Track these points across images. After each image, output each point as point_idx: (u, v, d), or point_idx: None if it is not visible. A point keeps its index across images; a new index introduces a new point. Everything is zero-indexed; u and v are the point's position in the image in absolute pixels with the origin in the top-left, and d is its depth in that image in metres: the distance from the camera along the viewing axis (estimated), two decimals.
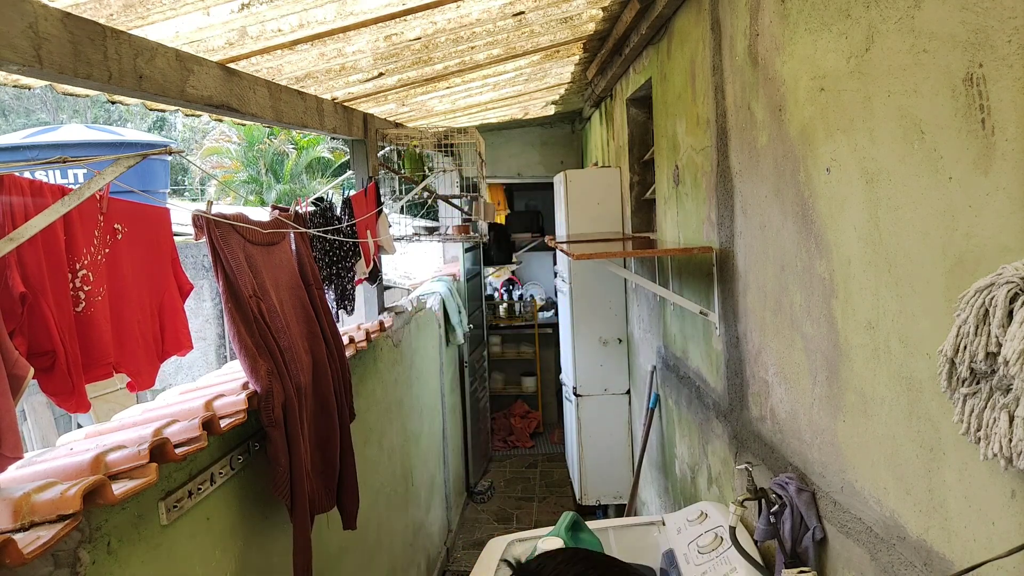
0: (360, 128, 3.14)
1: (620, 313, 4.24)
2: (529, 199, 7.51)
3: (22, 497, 1.13)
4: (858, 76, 1.18)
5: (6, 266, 1.24)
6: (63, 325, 1.34)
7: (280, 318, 1.96)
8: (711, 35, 2.03)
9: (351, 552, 2.65)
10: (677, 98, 2.50)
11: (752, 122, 1.71)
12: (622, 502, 4.16)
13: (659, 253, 2.43)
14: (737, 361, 1.93)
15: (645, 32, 2.65)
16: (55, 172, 5.53)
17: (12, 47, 1.20)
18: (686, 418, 2.64)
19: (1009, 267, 0.79)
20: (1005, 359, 0.76)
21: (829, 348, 1.35)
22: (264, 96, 2.18)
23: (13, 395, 1.16)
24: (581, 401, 4.27)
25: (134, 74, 1.53)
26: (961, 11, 0.91)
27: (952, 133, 0.95)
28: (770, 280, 1.65)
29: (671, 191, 2.67)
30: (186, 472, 1.58)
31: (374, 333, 2.95)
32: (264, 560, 1.94)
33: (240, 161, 15.47)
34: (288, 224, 2.18)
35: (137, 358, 1.57)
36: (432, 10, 2.08)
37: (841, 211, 1.27)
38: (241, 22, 1.72)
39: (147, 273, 1.65)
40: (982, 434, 0.82)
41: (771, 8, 1.55)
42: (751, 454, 1.83)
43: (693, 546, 1.74)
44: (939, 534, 1.03)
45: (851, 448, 1.28)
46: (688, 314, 2.49)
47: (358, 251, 2.78)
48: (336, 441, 2.17)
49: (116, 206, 1.54)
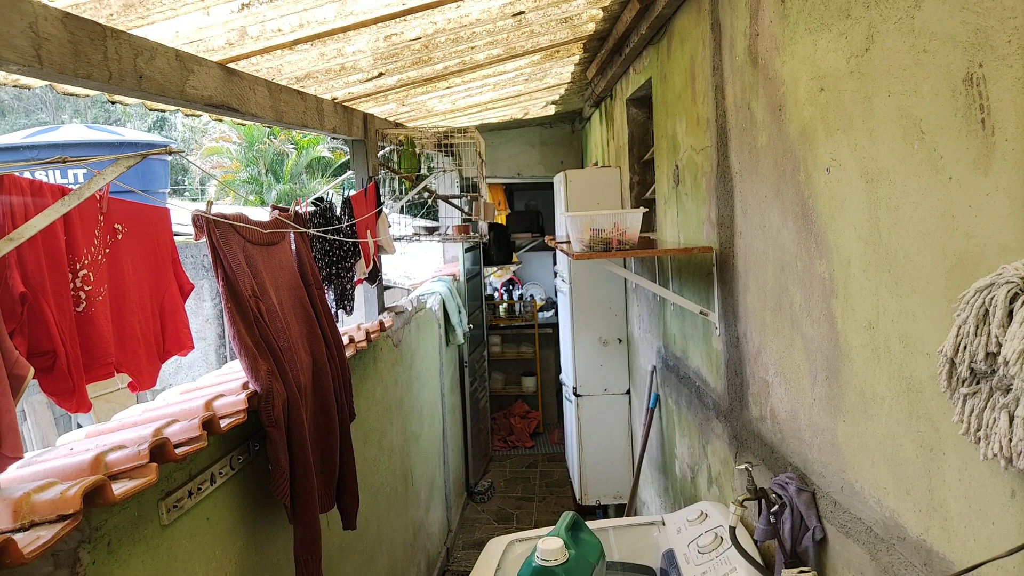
0: (360, 128, 3.14)
1: (620, 313, 4.24)
2: (529, 199, 7.51)
3: (22, 497, 1.13)
4: (858, 76, 1.18)
5: (6, 266, 1.24)
6: (63, 325, 1.34)
7: (280, 318, 1.96)
8: (711, 35, 2.03)
9: (351, 552, 2.65)
10: (677, 98, 2.50)
11: (752, 122, 1.71)
12: (622, 502, 4.16)
13: (659, 253, 2.43)
14: (737, 361, 1.93)
15: (645, 32, 2.65)
16: (55, 172, 5.53)
17: (12, 47, 1.20)
18: (686, 418, 2.64)
19: (1009, 267, 0.79)
20: (1005, 359, 0.76)
21: (829, 348, 1.35)
22: (264, 96, 2.18)
23: (13, 395, 1.16)
24: (581, 401, 4.27)
25: (134, 74, 1.53)
26: (961, 11, 0.91)
27: (952, 133, 0.95)
28: (770, 280, 1.65)
29: (671, 191, 2.67)
30: (186, 472, 1.58)
31: (374, 333, 2.95)
32: (264, 560, 1.94)
33: (240, 161, 15.48)
34: (288, 224, 2.18)
35: (138, 358, 1.57)
36: (432, 10, 2.08)
37: (841, 211, 1.27)
38: (241, 22, 1.72)
39: (148, 273, 1.65)
40: (982, 434, 0.82)
41: (771, 8, 1.55)
42: (751, 454, 1.83)
43: (693, 546, 1.74)
44: (939, 534, 1.03)
45: (851, 448, 1.28)
46: (688, 314, 2.49)
47: (358, 251, 2.78)
48: (336, 441, 2.17)
49: (116, 206, 1.54)
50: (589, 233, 2.14)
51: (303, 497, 1.88)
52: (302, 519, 1.89)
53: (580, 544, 1.64)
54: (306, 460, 1.89)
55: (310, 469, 1.90)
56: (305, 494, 1.88)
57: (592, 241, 2.15)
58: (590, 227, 2.14)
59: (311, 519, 1.91)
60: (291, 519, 1.88)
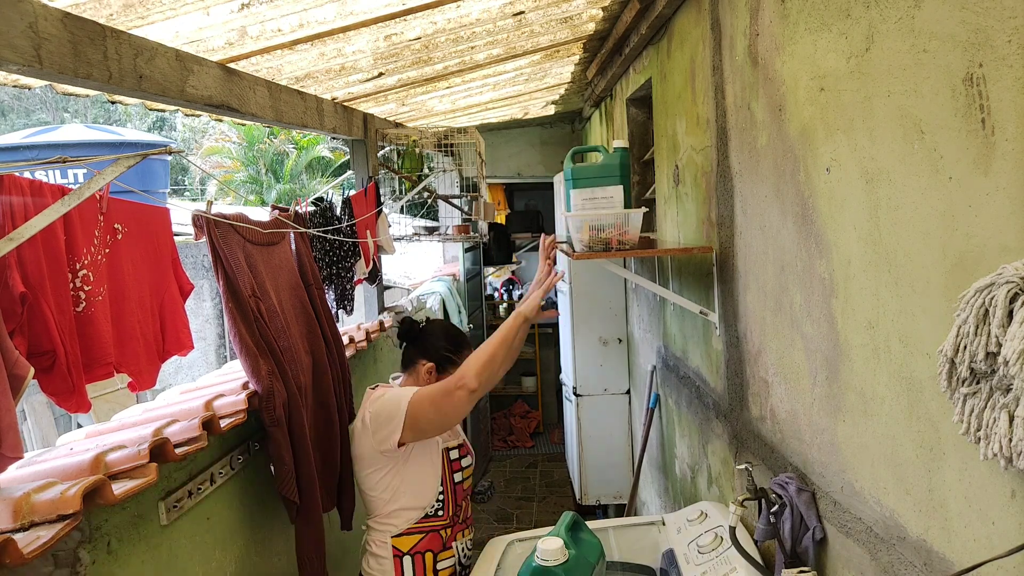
0: (360, 128, 3.15)
1: (620, 313, 4.24)
2: (529, 199, 7.51)
3: (22, 497, 1.13)
4: (858, 76, 1.18)
5: (6, 266, 1.24)
6: (63, 325, 1.34)
7: (280, 318, 1.96)
8: (711, 35, 2.03)
9: (351, 552, 2.65)
10: (677, 98, 2.50)
11: (752, 122, 1.71)
12: (622, 502, 4.16)
13: (659, 253, 2.43)
14: (737, 361, 1.93)
15: (645, 32, 2.65)
16: (55, 172, 5.53)
17: (12, 47, 1.20)
18: (686, 418, 2.64)
19: (1009, 267, 0.79)
20: (1005, 359, 0.76)
21: (829, 348, 1.35)
22: (264, 96, 2.18)
23: (13, 395, 1.16)
24: (581, 401, 4.27)
25: (134, 74, 1.53)
26: (961, 11, 0.91)
27: (952, 133, 0.95)
28: (770, 280, 1.65)
29: (671, 191, 2.67)
30: (186, 472, 1.58)
31: (374, 333, 2.95)
32: (264, 560, 1.94)
33: (240, 161, 15.48)
34: (288, 224, 2.18)
35: (138, 358, 1.57)
36: (432, 10, 2.08)
37: (841, 211, 1.27)
38: (241, 22, 1.72)
39: (147, 273, 1.65)
40: (982, 434, 0.82)
41: (771, 8, 1.55)
42: (751, 454, 1.83)
43: (693, 546, 1.74)
44: (939, 534, 1.03)
45: (851, 448, 1.28)
46: (688, 314, 2.49)
47: (358, 251, 2.78)
48: (336, 441, 2.17)
49: (116, 206, 1.55)
50: (589, 233, 2.14)
51: (306, 496, 1.88)
52: (306, 518, 1.89)
53: (580, 544, 1.64)
54: (308, 459, 1.89)
55: (312, 468, 1.91)
56: (308, 493, 1.88)
57: (592, 241, 2.15)
58: (590, 227, 2.14)
59: (315, 518, 1.91)
60: (293, 519, 1.88)
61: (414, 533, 1.93)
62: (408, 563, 1.92)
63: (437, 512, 1.96)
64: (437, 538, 1.95)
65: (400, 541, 1.92)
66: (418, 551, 1.92)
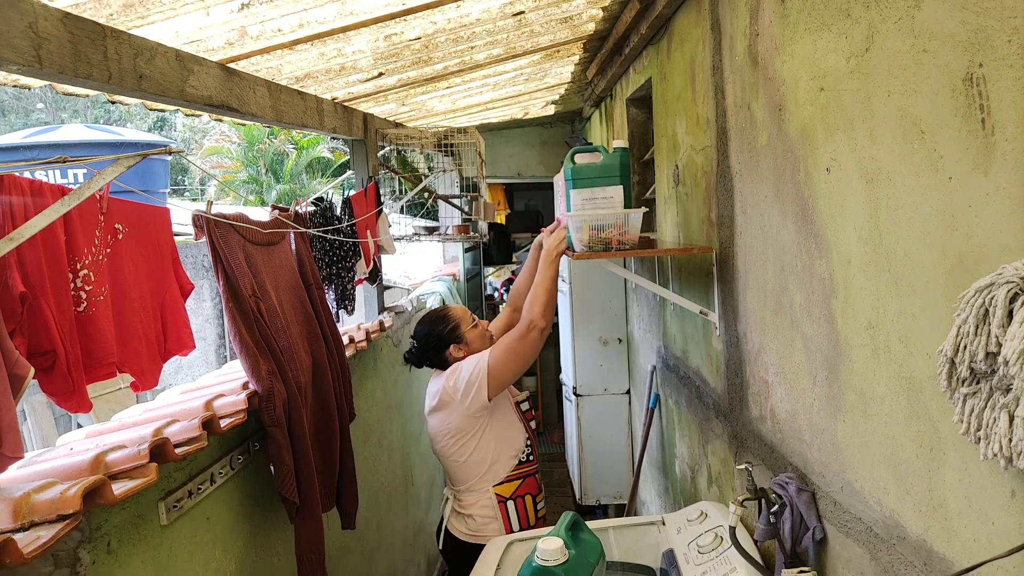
0: (360, 128, 3.14)
1: (620, 313, 4.24)
2: (529, 199, 7.52)
3: (22, 497, 1.13)
4: (858, 76, 1.18)
5: (6, 266, 1.24)
6: (63, 325, 1.34)
7: (280, 318, 1.96)
8: (711, 35, 2.03)
9: (351, 552, 2.65)
10: (677, 98, 2.50)
11: (752, 122, 1.71)
12: (622, 502, 4.16)
13: (659, 253, 2.43)
14: (737, 361, 1.93)
15: (645, 32, 2.65)
16: (55, 172, 5.53)
17: (12, 47, 1.20)
18: (686, 418, 2.64)
19: (1009, 267, 0.79)
20: (1005, 359, 0.76)
21: (829, 348, 1.35)
22: (264, 96, 2.18)
23: (13, 395, 1.16)
24: (581, 401, 4.27)
25: (134, 74, 1.53)
26: (961, 11, 0.91)
27: (952, 133, 0.95)
28: (770, 280, 1.65)
29: (671, 191, 2.67)
30: (186, 472, 1.58)
31: (374, 333, 2.95)
32: (264, 560, 1.94)
33: (240, 161, 15.49)
34: (288, 224, 2.18)
35: (140, 358, 1.57)
36: (432, 10, 2.08)
37: (841, 211, 1.27)
38: (241, 22, 1.72)
39: (148, 273, 1.65)
40: (982, 434, 0.82)
41: (771, 8, 1.55)
42: (751, 454, 1.83)
43: (693, 546, 1.74)
44: (939, 534, 1.03)
45: (851, 448, 1.28)
46: (688, 314, 2.49)
47: (358, 251, 2.78)
48: (336, 441, 2.17)
49: (116, 206, 1.55)
50: (589, 233, 2.14)
51: (306, 495, 1.88)
52: (305, 517, 1.89)
53: (580, 544, 1.64)
54: (307, 459, 1.89)
55: (312, 468, 1.91)
56: (308, 493, 1.88)
57: (592, 241, 2.15)
58: (590, 227, 2.14)
59: (314, 517, 1.91)
60: (293, 518, 1.88)
61: (513, 479, 2.25)
62: (512, 507, 2.22)
63: (528, 457, 2.29)
64: (533, 482, 2.27)
65: (502, 488, 2.24)
66: (519, 495, 2.22)
